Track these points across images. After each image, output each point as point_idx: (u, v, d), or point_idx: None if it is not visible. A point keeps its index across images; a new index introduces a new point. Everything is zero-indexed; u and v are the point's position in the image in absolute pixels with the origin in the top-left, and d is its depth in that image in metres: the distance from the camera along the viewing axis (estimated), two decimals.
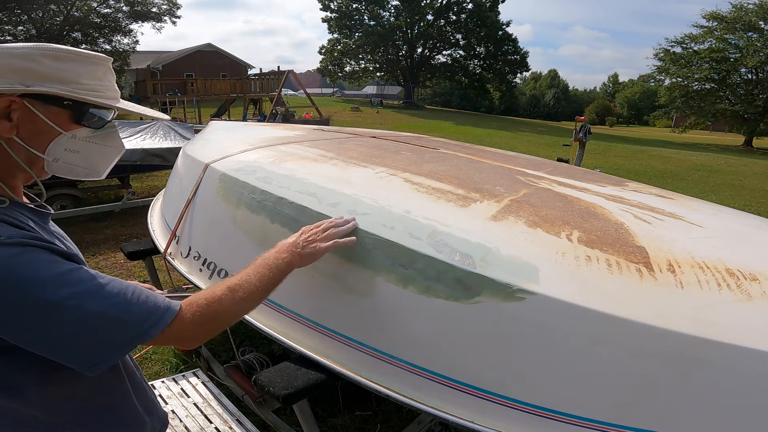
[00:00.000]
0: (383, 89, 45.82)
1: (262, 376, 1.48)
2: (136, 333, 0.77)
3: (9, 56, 0.77)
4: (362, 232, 1.39)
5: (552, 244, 1.27)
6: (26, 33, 24.38)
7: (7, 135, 0.78)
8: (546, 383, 1.16)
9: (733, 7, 26.37)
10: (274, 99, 17.31)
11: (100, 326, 0.74)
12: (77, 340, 0.73)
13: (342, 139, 2.56)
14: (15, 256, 0.69)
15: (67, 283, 0.72)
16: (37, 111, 0.79)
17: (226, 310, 0.91)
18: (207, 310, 0.87)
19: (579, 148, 9.56)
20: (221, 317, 0.91)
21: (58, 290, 0.71)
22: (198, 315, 0.86)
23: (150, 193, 6.86)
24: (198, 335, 0.88)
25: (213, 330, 0.91)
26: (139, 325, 0.78)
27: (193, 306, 0.86)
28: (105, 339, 0.75)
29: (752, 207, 8.35)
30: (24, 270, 0.69)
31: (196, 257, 1.94)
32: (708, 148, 22.26)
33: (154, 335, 0.79)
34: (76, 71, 0.81)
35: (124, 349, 0.78)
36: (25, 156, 0.81)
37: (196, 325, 0.85)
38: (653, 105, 46.24)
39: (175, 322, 0.82)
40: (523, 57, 39.42)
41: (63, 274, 0.73)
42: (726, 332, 1.03)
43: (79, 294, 0.73)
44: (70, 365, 0.75)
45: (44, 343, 0.72)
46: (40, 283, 0.70)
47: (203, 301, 0.88)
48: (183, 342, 0.87)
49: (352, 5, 37.02)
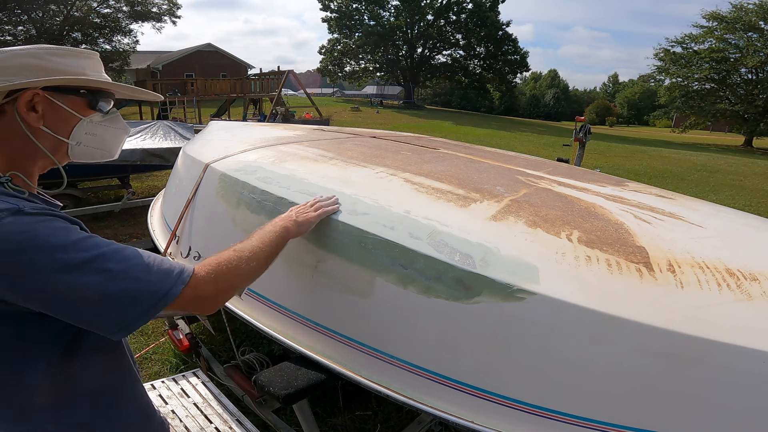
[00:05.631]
0: (383, 89, 45.81)
1: (262, 376, 1.48)
2: (160, 292, 0.80)
3: (19, 56, 0.84)
4: (362, 232, 1.39)
5: (552, 244, 1.27)
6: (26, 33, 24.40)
7: (36, 124, 0.86)
8: (546, 383, 1.16)
9: (733, 7, 26.38)
10: (274, 99, 17.31)
11: (123, 289, 0.77)
12: (103, 303, 0.76)
13: (342, 139, 2.56)
14: (38, 222, 0.74)
15: (87, 248, 0.76)
16: (58, 101, 0.88)
17: (237, 267, 0.96)
18: (219, 268, 0.92)
19: (579, 148, 9.55)
20: (234, 274, 0.95)
21: (80, 254, 0.74)
22: (212, 273, 0.91)
23: (150, 193, 6.86)
24: (216, 294, 0.91)
25: (228, 288, 0.95)
26: (162, 284, 0.81)
27: (205, 266, 0.91)
28: (130, 301, 0.77)
29: (752, 207, 8.35)
30: (47, 235, 0.73)
31: (196, 257, 1.94)
32: (708, 148, 22.26)
33: (177, 293, 0.82)
34: (80, 64, 0.91)
35: (150, 311, 0.80)
36: (50, 144, 0.89)
37: (211, 282, 0.90)
38: (653, 105, 46.28)
39: (192, 280, 0.86)
40: (523, 57, 39.44)
41: (83, 240, 0.77)
42: (726, 332, 1.03)
43: (101, 256, 0.76)
44: (96, 329, 0.78)
45: (70, 307, 0.75)
46: (63, 247, 0.74)
47: (213, 260, 0.94)
48: (203, 302, 0.90)
49: (352, 5, 37.03)
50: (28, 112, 0.85)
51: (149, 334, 3.17)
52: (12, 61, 0.84)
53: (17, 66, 0.84)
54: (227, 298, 0.97)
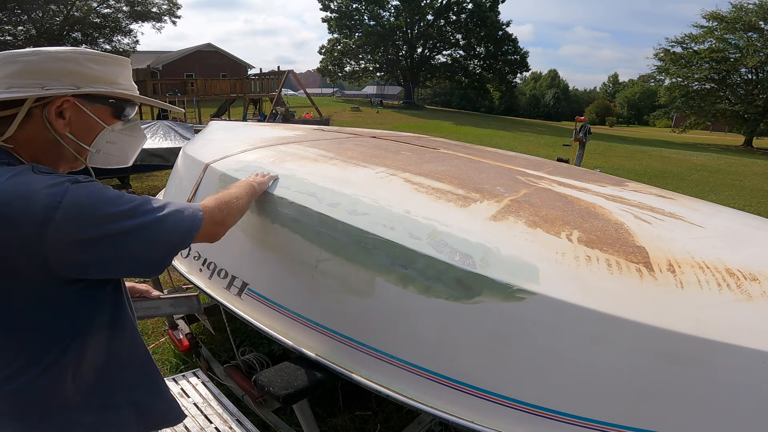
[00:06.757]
0: (383, 89, 45.80)
1: (262, 376, 1.48)
2: (189, 227, 0.94)
3: (60, 60, 0.87)
4: (362, 232, 1.39)
5: (552, 244, 1.27)
6: (26, 33, 24.40)
7: (63, 131, 0.89)
8: (546, 383, 1.16)
9: (733, 7, 26.37)
10: (274, 99, 17.30)
11: (164, 230, 0.89)
12: (148, 244, 0.86)
13: (342, 139, 2.55)
14: (99, 189, 0.84)
15: (130, 199, 0.86)
16: (86, 109, 0.91)
17: (230, 201, 1.15)
18: (218, 201, 1.11)
19: (579, 148, 9.55)
20: (229, 205, 1.14)
21: (120, 205, 0.83)
22: (214, 204, 1.08)
23: (150, 193, 6.83)
24: (223, 219, 1.09)
25: (229, 216, 1.13)
26: (191, 220, 0.95)
27: (207, 201, 1.09)
28: (168, 240, 0.90)
29: (752, 207, 8.35)
30: (109, 195, 0.83)
31: (195, 257, 1.95)
32: (708, 148, 22.26)
33: (201, 221, 0.97)
34: (115, 72, 0.94)
35: (184, 241, 0.93)
36: (74, 149, 0.93)
37: (218, 210, 1.07)
38: (653, 105, 46.26)
39: (205, 211, 1.01)
40: (523, 57, 39.44)
41: (120, 195, 0.85)
42: (726, 332, 1.03)
43: (144, 202, 0.88)
44: (139, 270, 0.91)
45: (120, 252, 0.84)
46: (108, 201, 0.82)
47: (212, 198, 1.12)
48: (215, 227, 1.06)
49: (352, 5, 37.03)
50: (56, 119, 0.87)
51: (149, 334, 3.16)
52: (50, 65, 0.85)
53: (55, 70, 0.85)
54: (228, 226, 1.13)
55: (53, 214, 0.76)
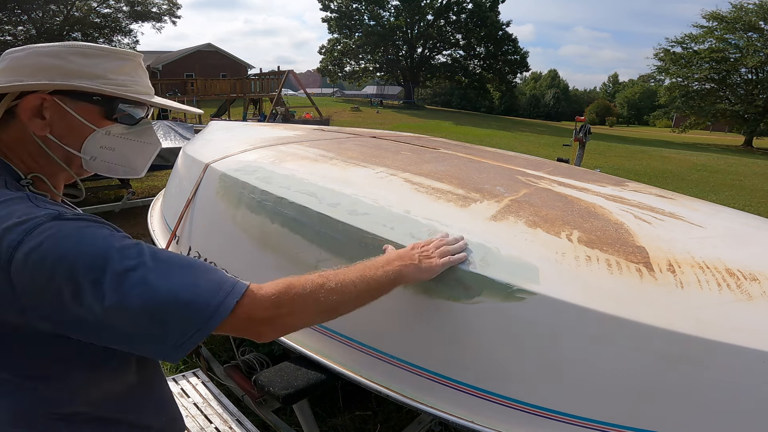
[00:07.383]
0: (383, 89, 45.82)
1: (262, 376, 1.48)
2: (209, 308, 0.69)
3: (38, 55, 0.77)
4: (362, 232, 1.39)
5: (552, 244, 1.27)
6: (26, 33, 24.40)
7: (41, 133, 0.78)
8: (546, 383, 1.16)
9: (733, 7, 26.39)
10: (274, 99, 17.30)
11: (169, 302, 0.67)
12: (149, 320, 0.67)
13: (342, 139, 2.55)
14: (83, 228, 0.69)
15: (131, 256, 0.68)
16: (68, 107, 0.79)
17: (311, 294, 0.80)
18: (287, 289, 0.77)
19: (579, 148, 9.55)
20: (303, 301, 0.79)
21: (124, 261, 0.67)
22: (275, 293, 0.76)
23: (150, 193, 6.85)
24: (273, 318, 0.76)
25: (289, 315, 0.78)
26: (211, 300, 0.69)
27: (271, 284, 0.78)
28: (177, 321, 0.68)
29: (752, 207, 8.34)
30: (92, 240, 0.68)
31: (196, 257, 1.95)
32: (708, 148, 22.26)
33: (229, 309, 0.70)
34: (104, 66, 0.81)
35: (199, 334, 0.70)
36: (62, 154, 0.81)
37: (271, 304, 0.75)
38: (653, 105, 46.32)
39: (246, 297, 0.72)
40: (523, 57, 39.46)
41: (129, 247, 0.70)
42: (726, 332, 1.03)
43: (144, 264, 0.68)
44: (147, 352, 0.73)
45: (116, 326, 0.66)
46: (110, 254, 0.67)
47: (286, 280, 0.79)
48: (256, 325, 0.75)
49: (352, 5, 37.04)
50: (32, 119, 0.77)
51: None
52: (28, 60, 0.77)
53: (32, 66, 0.76)
54: (288, 327, 0.80)
55: (12, 255, 0.63)
